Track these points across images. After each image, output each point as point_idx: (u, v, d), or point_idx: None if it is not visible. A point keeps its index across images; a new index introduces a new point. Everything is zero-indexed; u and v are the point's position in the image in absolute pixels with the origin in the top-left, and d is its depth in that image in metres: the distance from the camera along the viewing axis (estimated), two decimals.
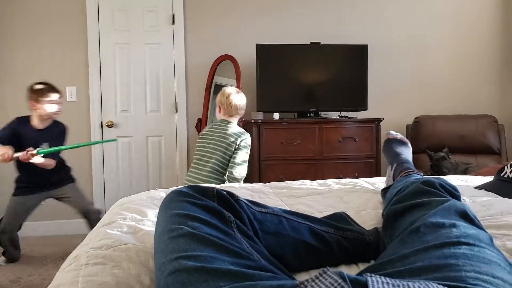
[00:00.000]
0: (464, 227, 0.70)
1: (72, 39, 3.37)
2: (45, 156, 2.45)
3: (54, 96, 2.57)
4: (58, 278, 0.76)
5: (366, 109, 3.35)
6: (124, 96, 3.44)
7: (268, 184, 1.63)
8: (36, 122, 2.56)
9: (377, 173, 3.15)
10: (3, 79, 3.34)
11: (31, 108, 2.55)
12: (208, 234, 0.70)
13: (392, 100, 3.69)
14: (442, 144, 3.14)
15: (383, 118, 3.23)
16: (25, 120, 2.58)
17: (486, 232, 0.74)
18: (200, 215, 0.76)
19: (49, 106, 2.53)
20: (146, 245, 0.87)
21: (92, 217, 2.70)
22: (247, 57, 3.36)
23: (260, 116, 3.22)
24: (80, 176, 3.43)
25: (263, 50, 3.21)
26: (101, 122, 3.43)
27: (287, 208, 1.28)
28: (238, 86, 3.15)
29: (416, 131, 3.43)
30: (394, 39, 3.68)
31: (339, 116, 3.37)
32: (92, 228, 1.10)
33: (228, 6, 3.51)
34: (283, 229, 0.90)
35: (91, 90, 3.39)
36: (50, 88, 2.58)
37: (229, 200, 0.82)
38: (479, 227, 0.75)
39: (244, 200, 0.87)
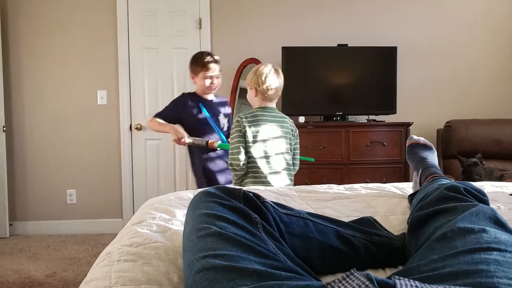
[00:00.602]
0: (495, 232, 0.68)
1: (103, 44, 3.48)
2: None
3: (210, 71, 2.27)
4: (92, 273, 0.79)
5: (395, 112, 3.30)
6: (152, 99, 3.52)
7: (293, 187, 1.63)
8: (205, 93, 2.36)
9: (405, 178, 3.09)
10: (38, 84, 3.48)
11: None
12: (235, 234, 0.71)
13: (422, 104, 3.61)
14: (475, 149, 3.04)
15: (412, 122, 3.16)
16: (193, 94, 2.38)
17: None
18: (227, 215, 0.77)
19: (203, 80, 2.28)
20: (174, 244, 0.89)
21: None
22: (273, 60, 3.34)
23: None
24: (110, 177, 3.54)
25: (289, 53, 3.22)
26: (130, 125, 3.52)
27: (313, 211, 1.28)
28: None
29: (448, 135, 3.34)
30: (424, 40, 3.60)
31: (366, 119, 3.33)
32: None
33: (254, 10, 3.53)
34: (309, 232, 0.90)
35: (120, 93, 3.49)
36: (203, 60, 2.28)
37: (255, 202, 0.83)
38: (511, 232, 0.73)
39: (270, 202, 0.87)
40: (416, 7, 3.61)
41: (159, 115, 2.31)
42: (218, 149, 2.23)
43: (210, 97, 2.37)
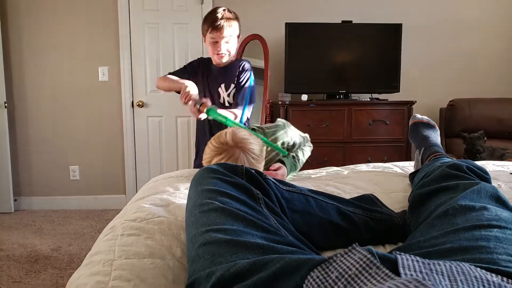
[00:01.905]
0: (496, 210, 0.69)
1: (103, 20, 3.43)
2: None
3: (218, 32, 1.79)
4: (97, 246, 0.80)
5: (398, 91, 3.27)
6: (154, 76, 3.49)
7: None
8: (215, 61, 1.92)
9: (407, 157, 3.10)
10: (39, 59, 3.45)
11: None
12: (237, 209, 0.72)
13: (426, 82, 3.58)
14: (477, 128, 3.02)
15: (415, 101, 3.14)
16: (207, 59, 2.00)
17: None
18: (230, 191, 0.78)
19: (209, 44, 1.85)
20: (177, 218, 0.90)
21: None
22: (276, 37, 3.32)
23: (287, 98, 3.20)
24: (112, 153, 3.56)
25: (292, 29, 3.17)
26: (132, 102, 3.51)
27: (314, 188, 1.28)
28: (266, 67, 3.13)
29: (451, 114, 3.32)
30: (430, 18, 3.54)
31: (370, 98, 3.31)
32: None
33: None
34: (310, 208, 0.91)
35: (122, 70, 3.46)
36: (212, 17, 1.81)
37: (257, 178, 0.84)
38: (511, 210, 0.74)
39: (271, 179, 0.88)
40: None
41: (171, 73, 1.93)
42: (209, 117, 1.67)
43: (220, 61, 1.89)
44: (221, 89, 1.90)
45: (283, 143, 1.51)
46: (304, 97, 3.15)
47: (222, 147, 1.17)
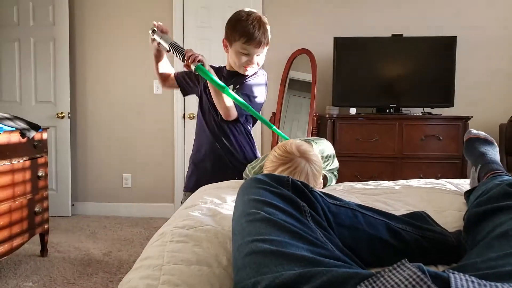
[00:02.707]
0: None
1: None
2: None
3: (252, 45, 1.60)
4: (147, 251, 0.84)
5: (452, 105, 3.13)
6: None
7: (340, 183, 1.60)
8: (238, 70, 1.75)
9: (462, 175, 2.94)
10: (100, 74, 3.68)
11: None
12: (283, 221, 0.72)
13: (483, 97, 3.40)
14: None
15: (471, 116, 2.99)
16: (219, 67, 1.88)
17: None
18: (276, 202, 0.78)
19: (238, 56, 1.66)
20: (224, 228, 0.92)
21: None
22: (324, 51, 3.31)
23: (335, 111, 3.17)
24: (163, 163, 3.69)
25: (340, 43, 3.15)
26: (184, 114, 3.63)
27: (362, 203, 1.25)
28: (313, 81, 3.13)
29: (511, 131, 3.12)
30: (487, 29, 3.38)
31: (421, 112, 3.19)
32: None
33: (306, 0, 3.49)
34: (358, 224, 0.89)
35: None
36: (246, 27, 1.60)
37: (303, 190, 0.84)
38: None
39: (318, 192, 0.87)
40: None
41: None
42: (195, 72, 1.54)
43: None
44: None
45: (328, 156, 1.51)
46: (353, 111, 3.10)
47: (288, 156, 1.20)
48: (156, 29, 1.65)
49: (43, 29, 3.54)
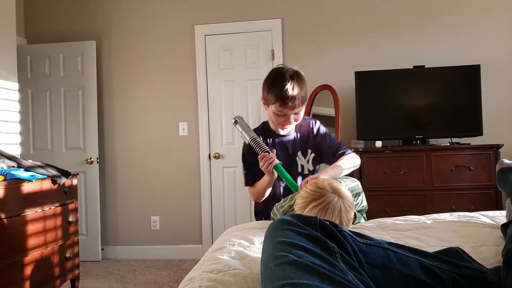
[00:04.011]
0: None
1: (184, 79, 3.74)
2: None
3: (286, 108, 1.63)
4: None
5: (481, 134, 3.06)
6: (229, 129, 3.67)
7: (370, 220, 1.56)
8: (277, 130, 1.80)
9: (497, 206, 2.82)
10: (125, 119, 3.82)
11: None
12: (313, 263, 0.71)
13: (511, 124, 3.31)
14: None
15: (502, 144, 2.90)
16: (268, 127, 1.84)
17: None
18: (304, 243, 0.78)
19: (275, 115, 1.70)
20: (252, 271, 0.91)
21: None
22: (346, 85, 3.35)
23: (361, 145, 3.14)
24: (190, 204, 3.71)
25: (362, 78, 3.18)
26: (209, 154, 3.69)
27: (394, 241, 1.22)
28: (336, 116, 3.14)
29: None
30: (509, 55, 3.33)
31: (449, 142, 3.12)
32: None
33: (325, 36, 3.57)
34: (390, 263, 0.86)
35: (200, 124, 3.69)
36: (280, 90, 1.61)
37: (332, 231, 0.83)
38: None
39: (347, 231, 0.86)
40: (498, 21, 3.38)
41: (248, 182, 1.76)
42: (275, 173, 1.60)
43: (283, 131, 1.76)
44: (299, 158, 1.77)
45: (356, 193, 1.49)
46: (378, 144, 3.07)
47: (320, 191, 1.20)
48: (238, 119, 1.73)
49: (73, 79, 3.73)
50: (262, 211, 1.84)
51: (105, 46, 3.83)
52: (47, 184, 2.39)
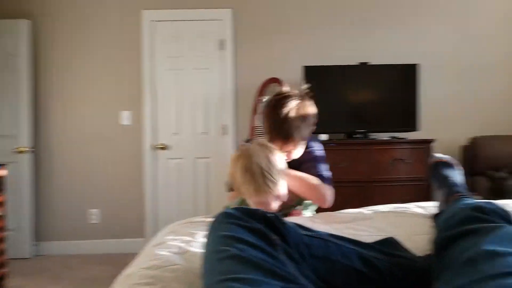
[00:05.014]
0: None
1: (128, 66, 3.58)
2: None
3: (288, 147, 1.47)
4: None
5: (418, 130, 3.24)
6: (175, 119, 3.58)
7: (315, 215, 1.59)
8: None
9: (430, 197, 3.00)
10: (63, 107, 3.59)
11: None
12: (254, 257, 0.71)
13: (445, 121, 3.54)
14: (500, 165, 2.94)
15: (435, 139, 3.10)
16: None
17: None
18: (246, 237, 0.77)
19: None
20: (193, 266, 0.89)
21: None
22: (294, 79, 3.38)
23: None
24: (133, 196, 3.58)
25: (310, 72, 3.23)
26: (153, 145, 3.57)
27: (336, 234, 1.25)
28: None
29: (472, 152, 3.25)
30: (447, 58, 3.56)
31: (389, 137, 3.28)
32: None
33: (275, 30, 3.58)
34: (332, 254, 0.88)
35: (145, 114, 3.56)
36: (281, 128, 1.43)
37: (275, 223, 0.82)
38: None
39: (290, 224, 0.86)
40: (438, 24, 3.58)
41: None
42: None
43: None
44: None
45: None
46: (323, 137, 3.15)
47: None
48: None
49: (2, 60, 3.43)
50: None
51: (44, 28, 3.56)
52: None
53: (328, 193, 1.54)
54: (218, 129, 3.58)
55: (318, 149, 1.68)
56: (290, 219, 1.30)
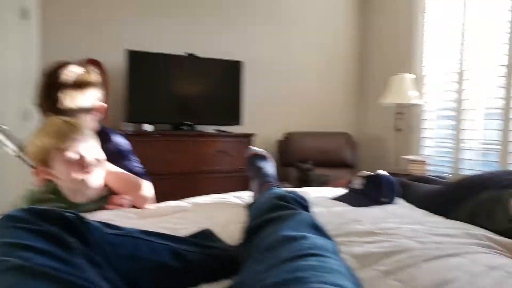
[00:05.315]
0: (313, 238, 0.73)
1: None
2: None
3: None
4: None
5: (240, 124, 3.44)
6: None
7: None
8: None
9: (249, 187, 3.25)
10: None
11: None
12: (41, 265, 0.60)
13: (266, 116, 3.87)
14: (308, 158, 3.40)
15: (255, 133, 3.35)
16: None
17: (331, 241, 0.79)
18: (35, 243, 0.65)
19: None
20: None
21: None
22: (115, 63, 3.16)
23: (129, 128, 3.04)
24: None
25: (134, 57, 3.06)
26: None
27: (150, 228, 1.20)
28: (106, 95, 2.93)
29: (286, 146, 3.65)
30: (267, 57, 3.88)
31: (214, 130, 3.39)
32: None
33: (97, 7, 3.24)
34: (140, 252, 0.84)
35: None
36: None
37: (74, 223, 0.73)
38: (326, 236, 0.80)
39: (93, 222, 0.78)
40: (263, 25, 3.85)
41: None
42: None
43: None
44: None
45: None
46: (148, 127, 3.04)
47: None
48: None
49: None
50: None
51: None
52: None
53: (148, 192, 1.47)
54: (20, 113, 3.06)
55: (122, 142, 1.57)
56: (101, 214, 1.20)
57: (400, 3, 3.76)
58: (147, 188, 1.47)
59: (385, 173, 1.72)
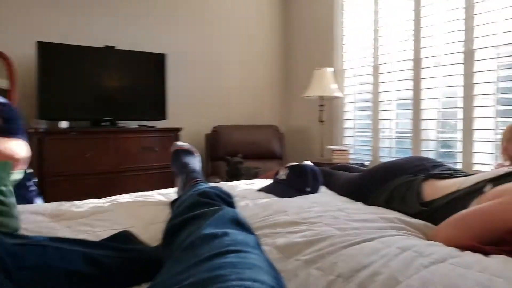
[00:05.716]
0: (234, 234, 0.72)
1: None
2: None
3: None
4: None
5: (165, 118, 3.34)
6: None
7: (44, 207, 1.38)
8: None
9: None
10: None
11: None
12: None
13: (192, 110, 3.79)
14: (237, 151, 3.39)
15: (182, 128, 3.27)
16: None
17: (253, 235, 0.78)
18: None
19: None
20: None
21: None
22: (24, 55, 2.88)
23: (42, 125, 2.80)
24: None
25: (45, 49, 2.82)
26: None
27: (65, 232, 1.11)
28: (13, 89, 2.67)
29: (214, 139, 3.62)
30: (193, 51, 3.79)
31: (138, 125, 3.25)
32: None
33: None
34: (48, 260, 0.76)
35: None
36: None
37: None
38: (248, 231, 0.79)
39: None
40: (188, 17, 3.75)
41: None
42: None
43: None
44: None
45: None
46: (63, 124, 2.82)
47: None
48: None
49: None
50: None
51: None
52: None
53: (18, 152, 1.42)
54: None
55: None
56: None
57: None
58: (17, 149, 1.42)
59: (310, 163, 1.77)
